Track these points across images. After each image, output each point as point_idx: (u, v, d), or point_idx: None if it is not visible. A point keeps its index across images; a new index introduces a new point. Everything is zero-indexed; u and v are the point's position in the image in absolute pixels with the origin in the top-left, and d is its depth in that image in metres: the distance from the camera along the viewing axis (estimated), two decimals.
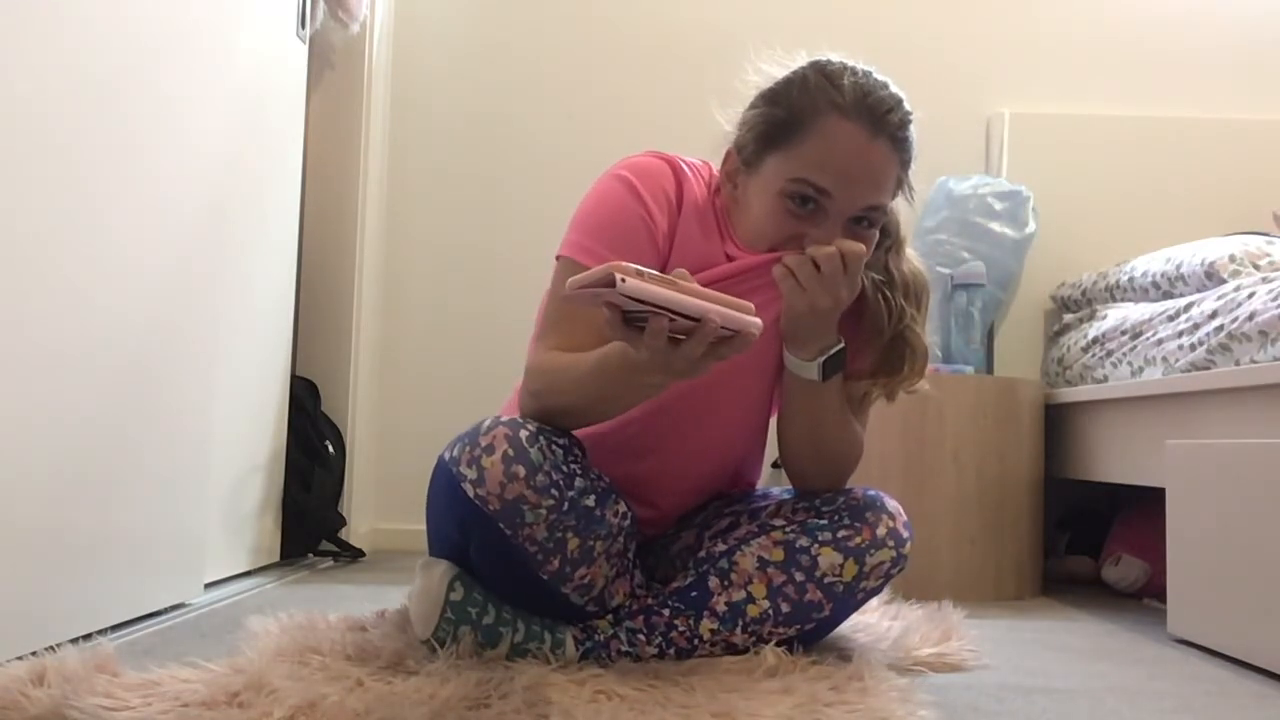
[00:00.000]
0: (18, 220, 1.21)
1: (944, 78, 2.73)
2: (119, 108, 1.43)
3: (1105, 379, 2.19)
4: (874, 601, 1.48)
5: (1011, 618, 1.84)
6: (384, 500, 2.70)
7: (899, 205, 1.33)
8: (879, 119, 1.22)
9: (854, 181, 1.22)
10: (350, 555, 2.42)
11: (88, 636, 1.33)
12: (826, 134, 1.22)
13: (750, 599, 1.27)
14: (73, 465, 1.34)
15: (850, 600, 1.30)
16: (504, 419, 1.20)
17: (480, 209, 2.79)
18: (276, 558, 2.24)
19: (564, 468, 1.19)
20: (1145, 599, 2.13)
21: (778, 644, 1.27)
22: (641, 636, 1.27)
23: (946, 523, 2.06)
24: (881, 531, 1.29)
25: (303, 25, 2.34)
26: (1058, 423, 2.26)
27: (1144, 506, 2.22)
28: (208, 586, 1.80)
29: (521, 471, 1.16)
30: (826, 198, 1.22)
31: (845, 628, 1.39)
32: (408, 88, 2.79)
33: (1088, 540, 2.39)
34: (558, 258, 1.28)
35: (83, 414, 1.36)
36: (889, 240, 1.35)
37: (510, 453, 1.16)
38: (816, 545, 1.28)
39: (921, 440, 2.08)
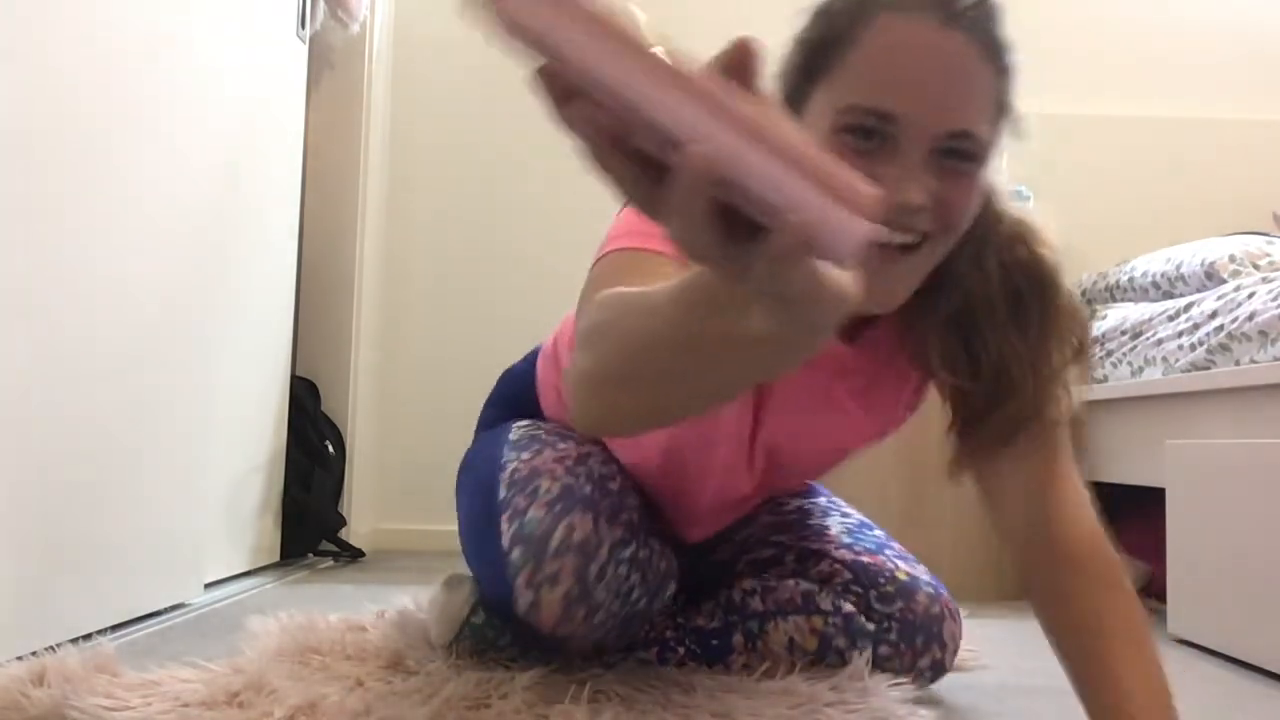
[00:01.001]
0: (17, 222, 1.21)
1: None
2: (118, 108, 1.43)
3: (1105, 379, 2.19)
4: None
5: (1011, 618, 1.84)
6: (384, 500, 2.70)
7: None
8: (949, 4, 0.86)
9: (925, 92, 0.86)
10: (350, 555, 2.41)
11: (88, 636, 1.33)
12: (878, 40, 0.87)
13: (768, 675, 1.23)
14: (72, 465, 1.34)
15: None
16: (576, 535, 1.05)
17: (481, 208, 2.79)
18: (276, 558, 2.24)
19: (625, 588, 1.09)
20: (1145, 599, 2.13)
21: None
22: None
23: (947, 523, 2.06)
24: (925, 663, 1.22)
25: (303, 25, 2.34)
26: None
27: (1144, 506, 2.22)
28: (208, 586, 1.80)
29: (581, 614, 1.07)
30: (892, 123, 0.86)
31: None
32: (408, 88, 2.79)
33: None
34: (596, 261, 0.90)
35: (82, 414, 1.36)
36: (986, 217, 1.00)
37: (575, 592, 1.06)
38: (854, 651, 1.21)
39: (922, 440, 2.07)
